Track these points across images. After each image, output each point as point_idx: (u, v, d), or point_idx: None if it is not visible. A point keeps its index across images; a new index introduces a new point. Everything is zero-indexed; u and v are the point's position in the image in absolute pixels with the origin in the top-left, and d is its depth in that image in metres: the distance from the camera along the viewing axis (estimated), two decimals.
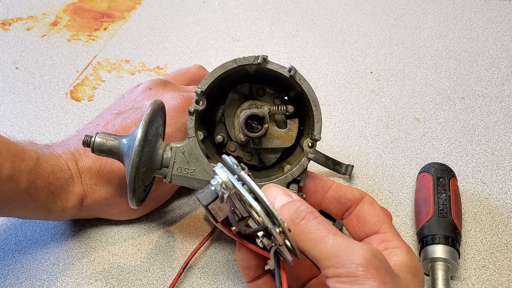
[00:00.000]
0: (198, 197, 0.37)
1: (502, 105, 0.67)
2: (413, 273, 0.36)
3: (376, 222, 0.40)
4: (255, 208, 0.34)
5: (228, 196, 0.35)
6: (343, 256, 0.32)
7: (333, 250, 0.32)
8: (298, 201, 0.36)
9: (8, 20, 0.82)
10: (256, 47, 0.78)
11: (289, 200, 0.36)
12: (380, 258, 0.33)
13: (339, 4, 0.86)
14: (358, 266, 0.31)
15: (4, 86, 0.70)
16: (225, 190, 0.35)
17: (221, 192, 0.36)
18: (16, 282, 0.48)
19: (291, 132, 0.44)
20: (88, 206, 0.49)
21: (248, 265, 0.40)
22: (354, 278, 0.31)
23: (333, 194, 0.43)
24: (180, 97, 0.51)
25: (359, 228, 0.41)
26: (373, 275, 0.31)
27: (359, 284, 0.31)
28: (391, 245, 0.38)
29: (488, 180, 0.58)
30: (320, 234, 0.33)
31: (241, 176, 0.35)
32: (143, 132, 0.41)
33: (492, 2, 0.86)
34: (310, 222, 0.34)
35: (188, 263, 0.49)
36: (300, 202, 0.36)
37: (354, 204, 0.42)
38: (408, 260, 0.37)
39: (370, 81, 0.71)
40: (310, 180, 0.43)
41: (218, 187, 0.36)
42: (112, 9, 0.86)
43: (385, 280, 0.31)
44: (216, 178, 0.36)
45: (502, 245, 0.52)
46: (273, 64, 0.42)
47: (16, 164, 0.42)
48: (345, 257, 0.32)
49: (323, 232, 0.33)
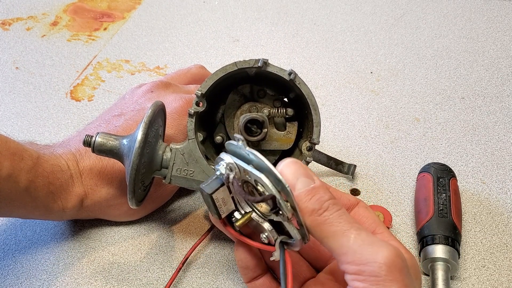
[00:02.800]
0: (202, 187, 0.36)
1: (502, 105, 0.67)
2: (415, 274, 0.36)
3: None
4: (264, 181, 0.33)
5: (234, 176, 0.35)
6: (366, 254, 0.31)
7: (356, 246, 0.31)
8: (321, 189, 0.34)
9: (8, 20, 0.82)
10: (256, 47, 0.78)
11: (311, 185, 0.34)
12: (402, 258, 0.32)
13: (339, 4, 0.86)
14: (382, 265, 0.30)
15: (4, 86, 0.70)
16: (230, 172, 0.35)
17: (227, 174, 0.35)
18: (16, 282, 0.48)
19: (290, 134, 0.44)
20: (88, 206, 0.49)
21: (246, 265, 0.40)
22: (376, 278, 0.30)
23: None
24: (181, 99, 0.51)
25: None
26: (396, 278, 0.30)
27: (381, 285, 0.30)
28: None
29: (488, 180, 0.58)
30: (342, 227, 0.32)
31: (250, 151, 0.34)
32: (143, 134, 0.41)
33: (492, 2, 0.86)
34: (332, 214, 0.33)
35: (187, 258, 0.49)
36: (323, 191, 0.34)
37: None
38: (409, 260, 0.37)
39: (370, 81, 0.71)
40: None
41: (223, 170, 0.35)
42: (112, 9, 0.86)
43: (407, 283, 0.31)
44: (220, 163, 0.35)
45: (502, 245, 0.52)
46: (274, 67, 0.42)
47: (16, 162, 0.42)
48: (368, 255, 0.31)
49: (346, 225, 0.32)
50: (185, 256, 0.49)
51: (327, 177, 0.58)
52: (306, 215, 0.33)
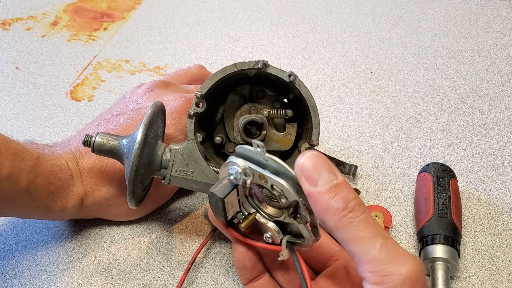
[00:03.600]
0: (214, 191, 0.35)
1: (502, 105, 0.67)
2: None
3: None
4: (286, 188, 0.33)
5: (251, 182, 0.35)
6: (392, 266, 0.30)
7: (382, 256, 0.31)
8: (345, 186, 0.32)
9: (8, 20, 0.82)
10: (256, 47, 0.78)
11: (334, 181, 0.32)
12: (424, 272, 0.31)
13: (339, 4, 0.86)
14: (406, 280, 0.30)
15: (4, 86, 0.70)
16: (246, 177, 0.34)
17: (243, 179, 0.34)
18: (16, 282, 0.48)
19: (289, 136, 0.44)
20: (88, 206, 0.49)
21: (244, 265, 0.40)
22: None
23: None
24: (181, 99, 0.51)
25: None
26: None
27: None
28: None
29: (488, 180, 0.58)
30: (370, 233, 0.31)
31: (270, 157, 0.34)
32: (143, 135, 0.41)
33: (492, 2, 0.86)
34: (359, 217, 0.31)
35: (195, 258, 0.48)
36: (347, 188, 0.32)
37: None
38: None
39: (370, 81, 0.71)
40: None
41: (238, 175, 0.35)
42: (112, 9, 0.86)
43: None
44: (234, 168, 0.35)
45: (502, 245, 0.52)
46: (274, 68, 0.42)
47: (16, 162, 0.42)
48: (394, 267, 0.30)
49: (373, 231, 0.31)
50: (193, 257, 0.48)
51: None
52: (330, 213, 0.32)
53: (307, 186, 0.32)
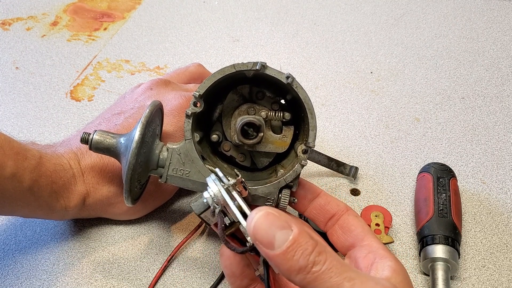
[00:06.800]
0: (192, 205, 0.39)
1: (502, 105, 0.67)
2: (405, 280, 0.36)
3: (361, 232, 0.40)
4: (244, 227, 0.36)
5: (220, 211, 0.37)
6: None
7: None
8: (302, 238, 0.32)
9: (8, 20, 0.82)
10: (256, 47, 0.78)
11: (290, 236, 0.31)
12: None
13: (339, 4, 0.86)
14: None
15: (4, 86, 0.70)
16: (216, 205, 0.37)
17: (213, 206, 0.37)
18: (16, 282, 0.48)
19: (285, 138, 0.45)
20: (90, 205, 0.49)
21: (232, 272, 0.39)
22: None
23: (320, 201, 0.43)
24: (181, 97, 0.51)
25: (343, 238, 0.41)
26: None
27: None
28: (379, 255, 0.38)
29: (488, 180, 0.58)
30: (335, 282, 0.31)
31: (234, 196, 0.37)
32: (141, 134, 0.41)
33: (492, 2, 0.86)
34: (322, 266, 0.31)
35: (172, 256, 0.49)
36: (304, 240, 0.31)
37: (338, 214, 0.42)
38: (399, 267, 0.37)
39: (370, 81, 0.71)
40: (300, 186, 0.43)
41: (210, 200, 0.38)
42: (112, 9, 0.86)
43: None
44: (208, 191, 0.38)
45: (502, 245, 0.52)
46: (272, 70, 0.42)
47: (19, 162, 0.43)
48: None
49: (338, 278, 0.31)
50: (170, 254, 0.49)
51: (328, 177, 0.58)
52: (294, 273, 0.31)
53: (265, 250, 0.32)
